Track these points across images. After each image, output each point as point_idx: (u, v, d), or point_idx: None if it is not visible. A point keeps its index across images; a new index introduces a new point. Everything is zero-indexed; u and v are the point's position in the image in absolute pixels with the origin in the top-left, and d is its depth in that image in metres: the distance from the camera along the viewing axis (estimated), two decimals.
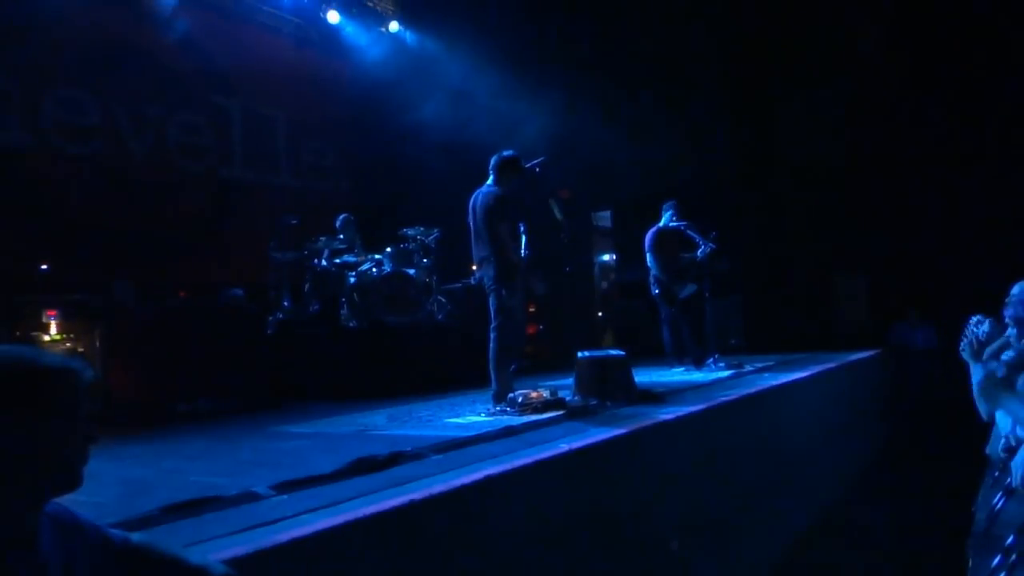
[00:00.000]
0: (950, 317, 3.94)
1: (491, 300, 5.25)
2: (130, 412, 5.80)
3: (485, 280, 5.28)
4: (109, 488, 2.99)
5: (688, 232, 7.64)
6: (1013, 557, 2.90)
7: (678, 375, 7.09)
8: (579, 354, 5.32)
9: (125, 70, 8.08)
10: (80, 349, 5.62)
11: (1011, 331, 3.56)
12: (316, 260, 7.74)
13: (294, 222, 7.90)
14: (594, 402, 4.93)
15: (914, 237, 9.78)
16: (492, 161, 5.44)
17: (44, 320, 5.53)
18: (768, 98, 10.38)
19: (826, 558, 5.17)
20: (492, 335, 5.23)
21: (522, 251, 5.47)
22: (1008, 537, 2.98)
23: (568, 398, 5.02)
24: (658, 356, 7.93)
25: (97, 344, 5.70)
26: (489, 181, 5.39)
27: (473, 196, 5.38)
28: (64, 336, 5.57)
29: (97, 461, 1.54)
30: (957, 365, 3.56)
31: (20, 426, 1.28)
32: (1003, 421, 3.26)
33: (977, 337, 3.44)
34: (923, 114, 9.66)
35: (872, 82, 9.85)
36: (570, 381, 5.32)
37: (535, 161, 5.80)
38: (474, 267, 5.55)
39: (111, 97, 7.98)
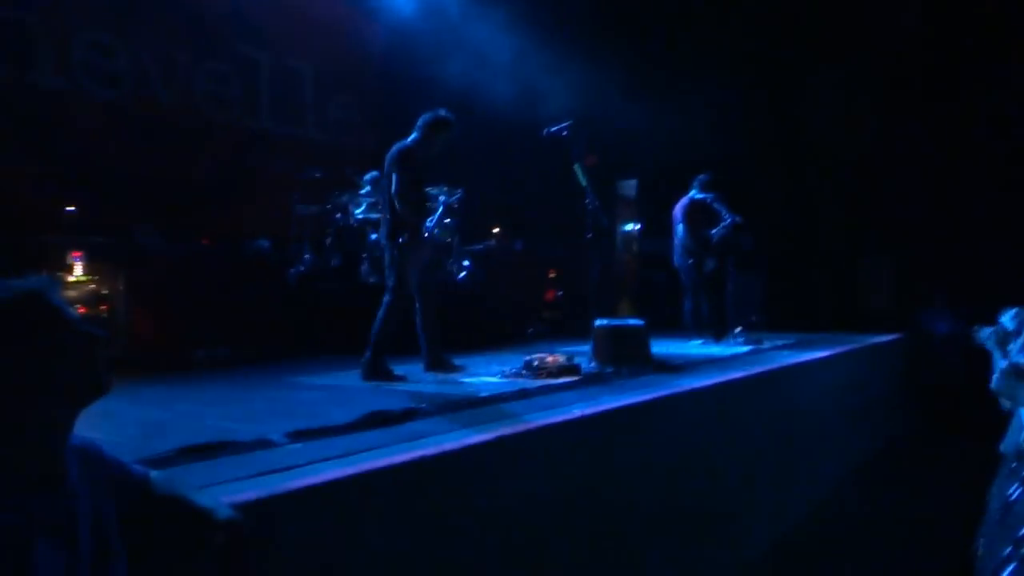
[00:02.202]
0: (978, 306, 3.87)
1: (387, 268, 4.95)
2: (151, 355, 5.89)
3: (380, 239, 5.00)
4: (128, 428, 3.04)
5: (715, 205, 7.55)
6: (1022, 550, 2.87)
7: (696, 348, 7.07)
8: (597, 322, 5.31)
9: (154, 16, 8.05)
10: (104, 291, 5.68)
11: None
12: (339, 215, 7.74)
13: (318, 176, 7.88)
14: (610, 370, 4.93)
15: (945, 223, 9.60)
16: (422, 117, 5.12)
17: (69, 261, 5.58)
18: (798, 74, 10.16)
19: (831, 539, 5.18)
20: (380, 311, 4.89)
21: (430, 219, 5.15)
22: (1021, 528, 2.95)
23: (584, 365, 5.03)
24: (677, 327, 7.89)
25: (121, 287, 5.76)
26: (410, 136, 5.11)
27: None
28: (89, 278, 5.62)
29: (117, 402, 1.56)
30: (981, 354, 3.50)
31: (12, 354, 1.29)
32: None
33: (1005, 328, 3.38)
34: (957, 98, 9.41)
35: (906, 61, 9.60)
36: (587, 348, 5.32)
37: (562, 125, 5.74)
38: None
39: (140, 42, 7.96)
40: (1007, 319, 3.38)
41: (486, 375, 4.98)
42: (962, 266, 9.16)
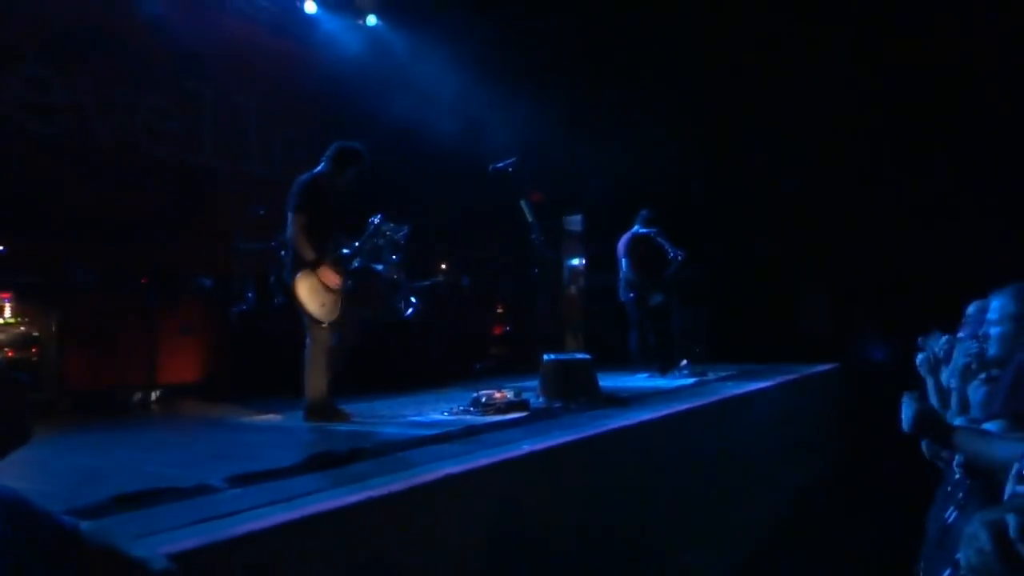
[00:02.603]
0: (908, 333, 4.00)
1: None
2: (85, 399, 5.68)
3: (285, 277, 4.83)
4: (60, 476, 2.92)
5: (658, 239, 7.70)
6: (962, 571, 2.94)
7: (642, 381, 7.14)
8: (545, 356, 5.33)
9: (94, 51, 7.89)
10: (35, 333, 5.47)
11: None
12: (283, 252, 7.64)
13: (262, 212, 7.78)
14: (558, 404, 4.94)
15: (876, 253, 9.96)
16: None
17: None
18: (739, 111, 10.49)
19: (775, 569, 5.22)
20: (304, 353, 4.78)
21: (336, 251, 5.04)
22: (957, 551, 3.03)
23: (532, 400, 5.03)
24: (624, 361, 7.97)
25: (53, 328, 5.55)
26: (318, 167, 5.00)
27: None
28: (18, 319, 5.41)
29: (49, 449, 1.51)
30: (915, 380, 3.61)
31: None
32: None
33: (935, 353, 3.50)
34: (889, 133, 9.84)
35: (839, 100, 10.00)
36: (535, 383, 5.32)
37: (507, 161, 5.80)
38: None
39: (78, 77, 7.79)
40: (938, 346, 3.49)
41: (434, 413, 4.93)
42: (899, 294, 9.48)
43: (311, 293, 4.74)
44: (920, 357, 3.54)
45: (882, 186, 9.90)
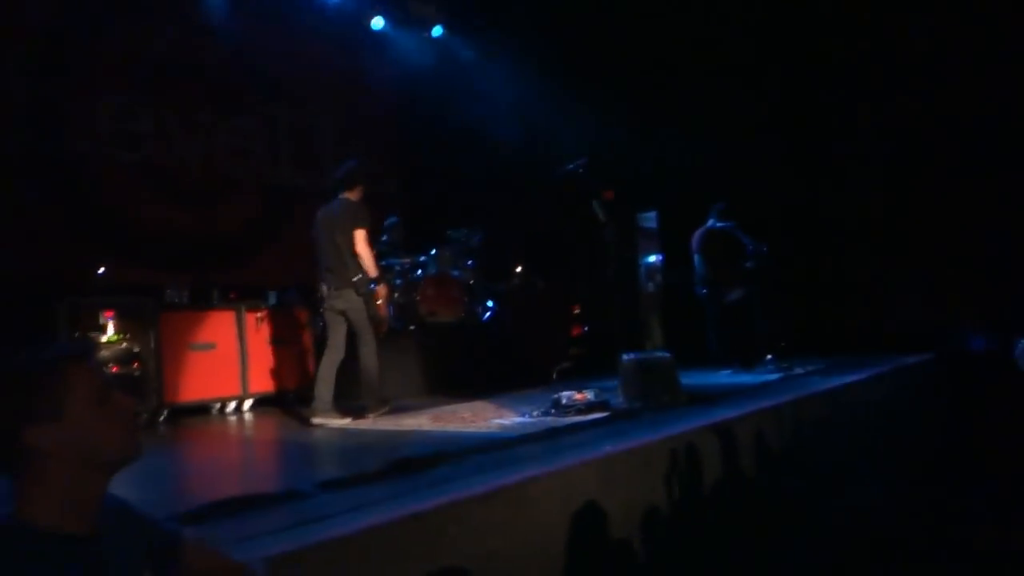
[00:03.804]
0: (1009, 323, 3.80)
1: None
2: (182, 411, 5.97)
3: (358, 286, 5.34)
4: (161, 484, 3.07)
5: (736, 233, 7.54)
6: None
7: (725, 377, 6.99)
8: (623, 356, 5.28)
9: (174, 76, 8.29)
10: (136, 349, 5.78)
11: None
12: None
13: None
14: (639, 404, 4.89)
15: (977, 240, 9.45)
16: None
17: (102, 321, 5.70)
18: (819, 99, 10.15)
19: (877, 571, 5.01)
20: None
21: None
22: None
23: (612, 400, 4.99)
24: (706, 359, 7.82)
25: (152, 344, 5.86)
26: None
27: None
28: (121, 336, 5.73)
29: (151, 459, 1.59)
30: (1015, 373, 3.43)
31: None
32: None
33: None
34: (992, 109, 9.31)
35: (930, 73, 9.54)
36: (615, 383, 5.28)
37: (577, 163, 5.79)
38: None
39: (162, 103, 8.20)
40: None
41: (514, 415, 4.96)
42: (1000, 281, 8.98)
43: (385, 302, 5.52)
44: (1019, 349, 3.36)
45: (981, 170, 9.38)
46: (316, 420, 5.13)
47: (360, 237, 5.28)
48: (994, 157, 9.17)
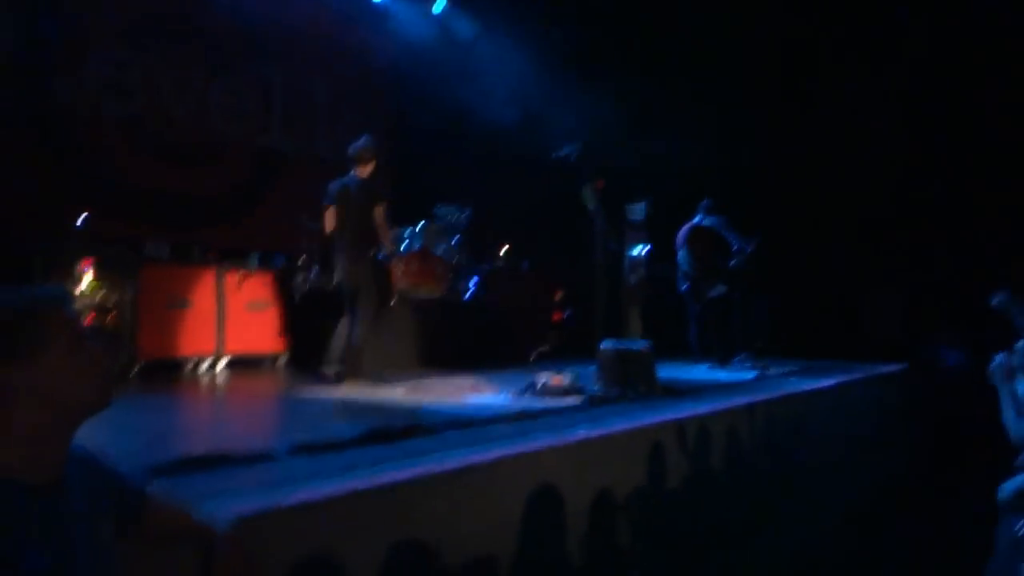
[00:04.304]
0: (983, 338, 3.83)
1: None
2: (157, 366, 5.91)
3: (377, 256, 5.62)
4: (130, 437, 3.03)
5: (722, 231, 7.55)
6: None
7: (701, 372, 7.03)
8: (603, 343, 5.30)
9: (168, 33, 8.14)
10: (112, 301, 5.70)
11: None
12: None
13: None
14: (615, 392, 4.91)
15: (954, 252, 9.54)
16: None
17: (79, 270, 5.61)
18: (811, 100, 10.16)
19: (835, 573, 5.08)
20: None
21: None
22: None
23: (589, 387, 5.01)
24: (683, 352, 7.86)
25: (129, 297, 5.78)
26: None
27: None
28: (98, 287, 5.65)
29: (119, 411, 1.56)
30: (987, 388, 3.45)
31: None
32: None
33: (1010, 363, 3.33)
34: (974, 123, 9.37)
35: (910, 85, 9.57)
36: (593, 370, 5.29)
37: (570, 148, 5.76)
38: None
39: (154, 59, 8.05)
40: (1019, 351, 3.31)
41: (490, 394, 4.96)
42: (976, 297, 9.06)
43: (397, 276, 5.93)
44: (994, 364, 3.38)
45: (963, 183, 9.46)
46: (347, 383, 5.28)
47: (379, 214, 5.47)
48: (979, 171, 9.26)
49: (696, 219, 7.75)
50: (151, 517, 1.61)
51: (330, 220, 5.64)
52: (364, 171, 5.66)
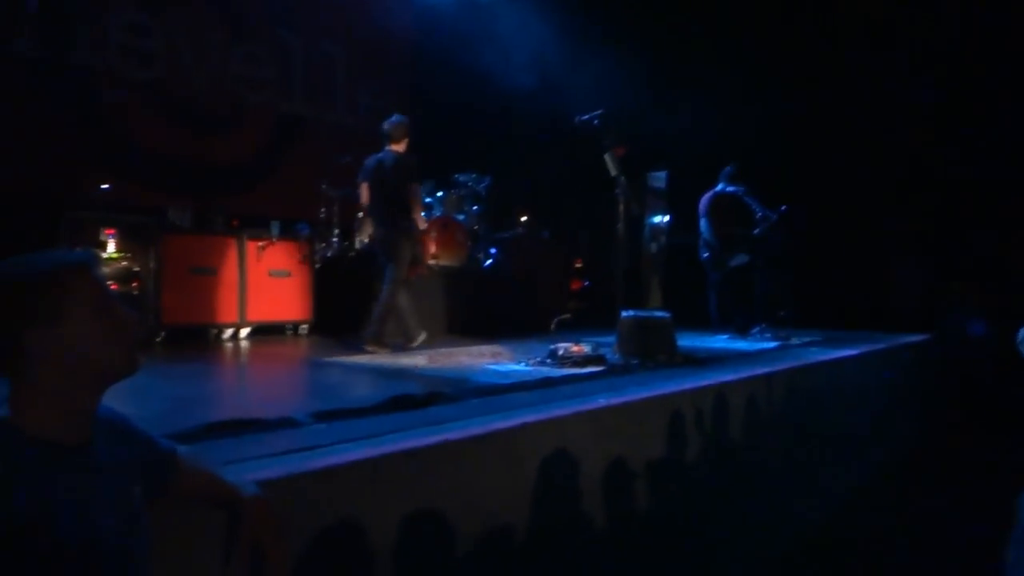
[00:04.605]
0: (1011, 308, 3.77)
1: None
2: (179, 334, 5.98)
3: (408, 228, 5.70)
4: (156, 403, 3.08)
5: (745, 199, 7.46)
6: None
7: (721, 342, 7.00)
8: (623, 312, 5.28)
9: None
10: (136, 269, 5.76)
11: None
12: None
13: (347, 159, 7.92)
14: (635, 361, 4.90)
15: (982, 221, 9.38)
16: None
17: (102, 238, 5.67)
18: (836, 67, 9.94)
19: (854, 543, 5.09)
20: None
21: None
22: None
23: (609, 355, 5.00)
24: (705, 322, 7.83)
25: (152, 265, 5.84)
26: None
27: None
28: (121, 254, 5.70)
29: (145, 377, 1.57)
30: (1012, 358, 3.40)
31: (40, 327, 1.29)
32: None
33: None
34: (999, 92, 9.14)
35: (936, 54, 9.33)
36: (613, 339, 5.28)
37: (593, 113, 5.69)
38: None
39: (174, 23, 8.02)
40: None
41: (510, 363, 4.97)
42: (1005, 267, 8.94)
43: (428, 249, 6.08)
44: (1022, 333, 3.32)
45: (991, 151, 9.25)
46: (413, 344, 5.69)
47: (415, 191, 5.61)
48: (1008, 140, 9.05)
49: (719, 187, 7.65)
50: (178, 482, 1.63)
51: (365, 195, 5.79)
52: (399, 147, 5.72)
